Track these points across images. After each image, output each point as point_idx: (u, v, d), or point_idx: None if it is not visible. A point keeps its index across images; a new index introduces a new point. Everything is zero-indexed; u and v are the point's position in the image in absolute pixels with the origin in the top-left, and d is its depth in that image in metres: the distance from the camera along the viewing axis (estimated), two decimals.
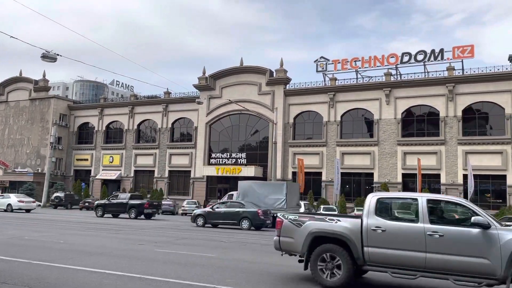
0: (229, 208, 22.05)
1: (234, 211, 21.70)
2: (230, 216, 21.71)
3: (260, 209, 21.54)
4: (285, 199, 23.17)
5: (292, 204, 24.49)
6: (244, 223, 21.20)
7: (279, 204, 23.29)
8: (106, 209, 29.56)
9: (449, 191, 36.16)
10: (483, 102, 36.59)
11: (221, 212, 21.98)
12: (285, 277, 8.36)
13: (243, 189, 24.75)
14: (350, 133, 41.74)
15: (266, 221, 21.57)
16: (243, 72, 46.89)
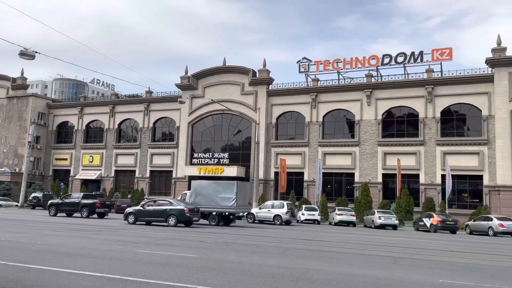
0: (157, 206, 22.98)
1: (162, 209, 22.66)
2: (158, 214, 22.66)
3: (186, 207, 22.41)
4: (235, 198, 23.96)
5: (243, 203, 25.39)
6: (171, 220, 22.16)
7: (230, 202, 24.14)
8: (59, 208, 29.52)
9: (427, 191, 36.87)
10: (461, 103, 37.43)
11: (150, 210, 22.90)
12: (267, 276, 8.41)
13: (195, 188, 25.53)
14: (332, 133, 42.13)
15: (192, 217, 22.57)
16: (226, 72, 46.82)
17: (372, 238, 20.18)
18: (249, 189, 26.68)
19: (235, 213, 24.52)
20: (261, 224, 28.83)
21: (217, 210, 24.59)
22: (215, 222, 24.60)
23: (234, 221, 26.31)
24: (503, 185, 34.10)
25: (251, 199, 26.84)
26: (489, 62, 36.27)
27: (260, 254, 11.90)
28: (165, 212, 22.45)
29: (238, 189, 24.39)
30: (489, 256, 14.13)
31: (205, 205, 24.64)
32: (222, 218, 24.88)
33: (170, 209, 22.41)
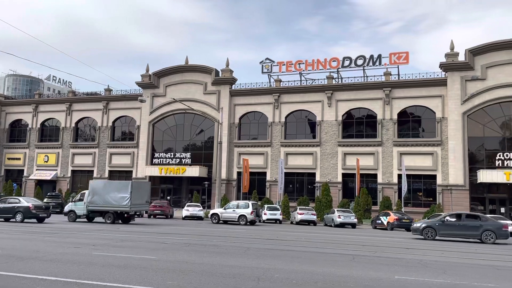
0: (6, 204, 24.31)
1: (10, 206, 24.11)
2: (6, 211, 24.05)
3: (32, 204, 23.82)
4: (130, 197, 24.95)
5: (140, 202, 26.24)
6: (18, 217, 23.65)
7: (124, 201, 25.08)
8: None
9: (385, 190, 38.08)
10: (417, 106, 38.93)
11: (0, 207, 24.25)
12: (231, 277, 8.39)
13: (93, 188, 26.31)
14: (294, 134, 42.66)
15: (39, 214, 23.97)
16: (188, 70, 46.33)
17: (332, 237, 20.59)
18: (146, 189, 27.78)
19: (129, 211, 25.45)
20: (225, 224, 28.71)
21: (112, 209, 25.42)
22: (110, 220, 25.41)
23: (133, 219, 27.01)
24: (455, 184, 35.76)
25: (149, 198, 28.05)
26: (442, 67, 37.94)
27: (221, 255, 11.86)
28: (13, 209, 23.85)
29: (133, 189, 25.36)
30: (441, 252, 14.77)
31: (101, 204, 25.56)
32: (118, 217, 25.72)
33: (17, 206, 23.81)
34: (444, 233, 20.75)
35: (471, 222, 20.54)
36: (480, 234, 20.07)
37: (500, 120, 36.31)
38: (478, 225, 20.28)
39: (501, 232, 19.93)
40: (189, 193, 44.94)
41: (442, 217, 21.50)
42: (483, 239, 19.97)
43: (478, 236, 20.18)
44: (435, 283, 8.43)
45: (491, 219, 21.04)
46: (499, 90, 35.91)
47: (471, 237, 20.53)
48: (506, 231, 20.06)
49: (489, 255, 14.69)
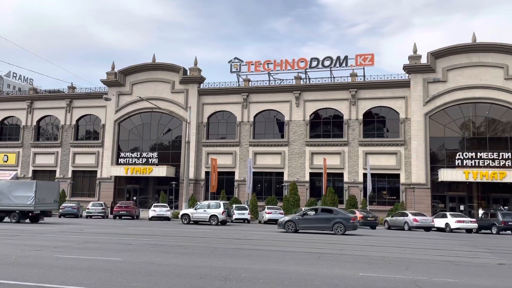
0: None
1: None
2: None
3: None
4: (34, 197, 25.54)
5: (47, 201, 26.84)
6: None
7: (29, 201, 25.64)
8: None
9: (351, 188, 38.87)
10: (381, 107, 39.96)
11: None
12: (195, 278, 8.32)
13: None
14: (263, 133, 42.84)
15: None
16: (155, 69, 45.64)
17: (299, 236, 20.81)
18: (55, 188, 28.39)
19: (34, 210, 25.81)
20: (195, 224, 28.42)
21: (17, 208, 25.82)
22: (15, 220, 25.69)
23: (43, 218, 27.30)
24: (417, 183, 36.96)
25: (58, 198, 28.51)
26: (406, 69, 39.12)
27: (188, 255, 11.76)
28: None
29: (38, 188, 25.84)
30: (404, 249, 15.23)
31: (7, 204, 25.95)
32: (23, 216, 26.08)
33: None
34: (302, 226, 22.14)
35: (325, 215, 21.99)
36: (331, 226, 21.47)
37: (460, 121, 37.81)
38: (330, 218, 21.70)
39: (349, 224, 21.41)
40: (156, 193, 44.28)
41: (303, 211, 23.01)
42: (334, 230, 21.33)
43: (330, 228, 21.54)
44: (397, 279, 8.68)
45: (342, 212, 22.43)
46: (459, 92, 37.39)
47: (324, 229, 21.86)
48: (353, 223, 21.53)
49: (446, 251, 15.26)
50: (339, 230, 21.25)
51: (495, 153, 36.27)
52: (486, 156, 36.39)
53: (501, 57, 36.96)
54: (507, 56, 36.80)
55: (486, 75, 36.98)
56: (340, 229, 21.24)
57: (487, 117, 37.19)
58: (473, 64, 37.46)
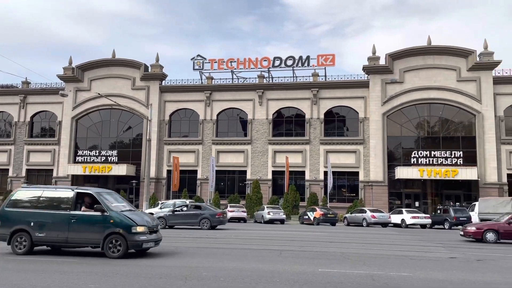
0: None
1: None
2: None
3: None
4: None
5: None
6: None
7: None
8: None
9: (312, 186, 39.52)
10: (342, 106, 40.84)
11: None
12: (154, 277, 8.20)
13: None
14: (226, 131, 42.72)
15: None
16: (115, 64, 44.45)
17: (261, 233, 20.96)
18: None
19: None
20: None
21: None
22: None
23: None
24: (375, 180, 38.10)
25: None
26: (365, 69, 40.18)
27: (148, 255, 11.57)
28: None
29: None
30: (362, 245, 15.67)
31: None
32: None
33: None
34: (172, 222, 23.06)
35: (193, 212, 23.10)
36: (198, 222, 22.54)
37: (415, 120, 39.29)
38: (198, 213, 22.80)
39: (215, 219, 22.61)
40: None
41: (173, 208, 24.03)
42: (201, 225, 22.39)
43: (197, 224, 22.56)
44: (355, 274, 8.94)
45: (209, 209, 23.49)
46: (415, 93, 38.84)
47: (192, 224, 22.82)
48: (219, 218, 22.69)
49: (402, 246, 15.85)
50: (205, 225, 22.37)
51: (448, 152, 37.97)
52: (439, 154, 38.04)
53: (454, 59, 38.71)
54: (459, 59, 38.59)
55: (440, 76, 38.63)
56: (206, 224, 22.38)
57: (440, 117, 38.86)
58: (428, 66, 39.01)
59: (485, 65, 37.79)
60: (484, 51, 38.32)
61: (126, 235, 10.65)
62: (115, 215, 10.82)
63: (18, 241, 11.18)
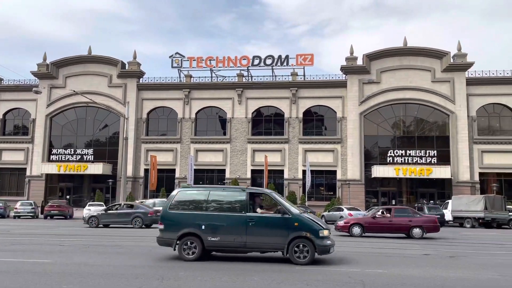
0: None
1: None
2: None
3: None
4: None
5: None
6: None
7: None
8: None
9: (291, 185, 39.76)
10: (320, 105, 41.21)
11: None
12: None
13: None
14: (204, 130, 42.52)
15: None
16: (91, 61, 43.62)
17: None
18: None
19: None
20: None
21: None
22: None
23: None
24: (352, 179, 38.61)
25: None
26: (343, 70, 40.65)
27: (124, 255, 11.42)
28: None
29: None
30: (339, 242, 15.78)
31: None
32: None
33: None
34: (105, 221, 23.32)
35: (126, 210, 23.43)
36: (131, 220, 22.81)
37: (391, 120, 40.01)
38: (131, 212, 23.11)
39: (147, 218, 22.85)
40: (91, 192, 42.43)
41: (107, 207, 24.53)
42: (132, 224, 22.68)
43: (129, 222, 22.84)
44: (333, 271, 9.05)
45: (142, 208, 23.81)
46: (391, 93, 39.53)
47: (125, 223, 23.07)
48: (151, 217, 22.84)
49: (373, 243, 16.12)
50: (137, 223, 22.57)
51: (422, 151, 38.81)
52: (414, 153, 38.84)
53: (429, 61, 39.58)
54: (434, 60, 39.48)
55: (416, 77, 39.43)
56: (138, 223, 22.58)
57: (416, 117, 39.69)
58: (404, 67, 39.76)
59: (459, 66, 38.78)
60: (457, 53, 39.31)
61: (314, 239, 9.78)
62: (299, 218, 9.95)
63: (188, 245, 10.17)
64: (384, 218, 18.86)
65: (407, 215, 18.82)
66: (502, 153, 37.92)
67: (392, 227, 18.53)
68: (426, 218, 19.19)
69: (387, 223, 18.55)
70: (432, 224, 18.35)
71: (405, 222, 18.36)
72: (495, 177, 38.09)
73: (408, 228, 18.25)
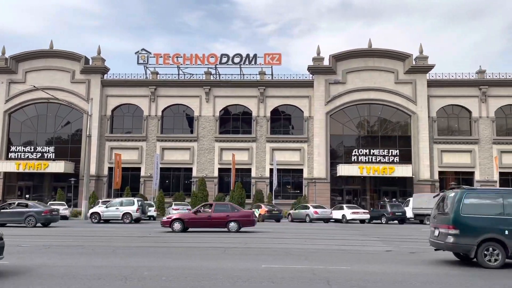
0: None
1: None
2: None
3: None
4: None
5: None
6: None
7: None
8: None
9: (258, 183, 39.91)
10: (288, 105, 41.57)
11: None
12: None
13: None
14: (171, 128, 41.98)
15: None
16: (53, 56, 42.12)
17: (206, 231, 20.85)
18: None
19: None
20: (106, 223, 26.66)
21: None
22: None
23: None
24: (318, 177, 39.20)
25: None
26: (310, 70, 41.16)
27: (87, 255, 11.12)
28: None
29: None
30: (304, 240, 16.08)
31: None
32: None
33: None
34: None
35: (19, 209, 23.59)
36: (24, 219, 23.02)
37: (356, 120, 40.90)
38: (24, 211, 23.32)
39: (41, 217, 23.00)
40: (52, 191, 41.02)
41: (0, 206, 24.40)
42: (26, 223, 22.90)
43: (22, 221, 23.07)
44: (297, 269, 9.15)
45: (37, 206, 24.01)
46: (356, 93, 40.40)
47: (18, 222, 23.27)
48: (46, 216, 23.21)
49: (342, 240, 16.48)
50: (31, 223, 22.61)
51: (385, 150, 39.90)
52: (378, 152, 39.87)
53: (393, 62, 40.72)
54: (397, 62, 40.65)
55: (380, 78, 40.47)
56: (32, 222, 22.64)
57: (379, 117, 40.77)
58: (369, 68, 40.71)
59: (420, 68, 40.12)
60: (419, 55, 40.65)
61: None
62: None
63: (490, 252, 9.51)
64: (205, 213, 19.68)
65: (226, 210, 19.62)
66: (460, 153, 39.56)
67: (211, 222, 19.36)
68: (242, 213, 19.94)
69: (206, 218, 19.36)
70: (247, 219, 19.42)
71: (223, 217, 19.19)
72: (453, 175, 39.71)
73: (225, 222, 19.11)
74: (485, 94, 39.73)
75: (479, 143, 39.46)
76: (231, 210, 19.62)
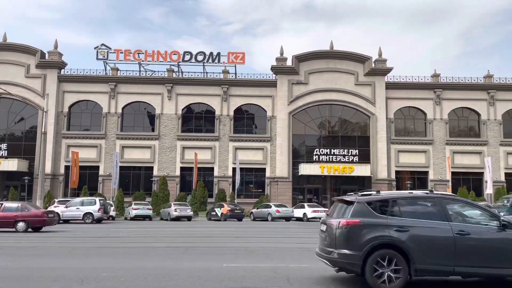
0: None
1: None
2: None
3: None
4: None
5: None
6: None
7: None
8: None
9: (220, 183, 39.80)
10: (251, 104, 41.70)
11: None
12: None
13: None
14: (132, 126, 41.09)
15: None
16: (6, 49, 40.16)
17: (166, 231, 20.60)
18: None
19: None
20: (66, 224, 25.62)
21: None
22: None
23: None
24: (280, 176, 39.61)
25: None
26: (273, 70, 41.49)
27: (42, 257, 10.71)
28: None
29: None
30: (265, 239, 16.22)
31: None
32: None
33: None
34: None
35: None
36: None
37: (318, 120, 41.65)
38: None
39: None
40: (4, 190, 39.10)
41: None
42: None
43: None
44: (259, 268, 9.22)
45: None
46: (318, 94, 41.12)
47: None
48: None
49: (303, 239, 16.74)
50: None
51: (345, 150, 40.87)
52: (338, 152, 40.78)
53: (353, 64, 41.76)
54: (358, 64, 41.73)
55: (341, 80, 41.40)
56: None
57: (340, 117, 41.72)
58: (330, 69, 41.54)
59: (379, 71, 41.39)
60: (378, 58, 41.91)
61: None
62: None
63: None
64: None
65: (15, 209, 19.28)
66: (416, 153, 41.17)
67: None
68: (32, 213, 19.51)
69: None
70: (37, 219, 19.21)
71: (11, 217, 18.97)
72: (409, 175, 41.24)
73: (13, 222, 18.95)
74: (439, 96, 41.53)
75: (433, 144, 41.21)
76: (21, 211, 19.09)
